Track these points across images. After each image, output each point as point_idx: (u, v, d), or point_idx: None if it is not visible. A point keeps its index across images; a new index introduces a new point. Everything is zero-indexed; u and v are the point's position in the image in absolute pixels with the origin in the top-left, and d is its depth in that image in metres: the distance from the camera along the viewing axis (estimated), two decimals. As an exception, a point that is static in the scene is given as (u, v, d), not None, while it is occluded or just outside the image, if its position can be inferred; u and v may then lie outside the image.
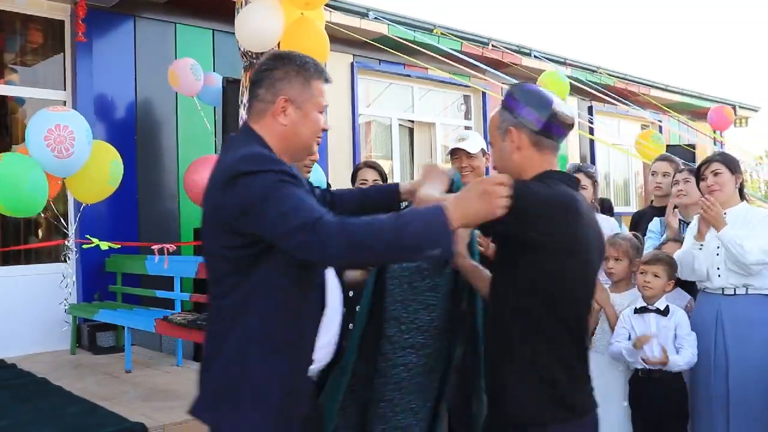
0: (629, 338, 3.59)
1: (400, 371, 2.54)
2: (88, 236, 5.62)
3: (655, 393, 3.54)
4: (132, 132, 6.84)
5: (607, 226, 4.31)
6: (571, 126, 2.15)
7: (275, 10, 4.67)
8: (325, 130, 2.16)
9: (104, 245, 5.55)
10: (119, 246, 5.95)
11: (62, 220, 5.69)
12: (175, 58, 7.06)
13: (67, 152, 4.76)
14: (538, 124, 2.09)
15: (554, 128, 2.11)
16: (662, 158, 4.91)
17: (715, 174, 3.67)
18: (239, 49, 5.02)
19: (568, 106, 2.17)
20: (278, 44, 4.85)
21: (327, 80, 2.14)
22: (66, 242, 5.76)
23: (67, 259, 5.80)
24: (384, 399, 2.54)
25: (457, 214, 1.81)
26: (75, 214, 6.08)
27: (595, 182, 4.33)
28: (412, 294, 2.56)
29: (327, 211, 1.83)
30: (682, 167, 4.58)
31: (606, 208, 9.13)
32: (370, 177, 3.68)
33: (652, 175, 4.75)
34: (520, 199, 1.92)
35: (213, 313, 2.05)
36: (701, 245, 3.59)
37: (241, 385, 1.95)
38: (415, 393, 2.53)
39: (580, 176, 4.26)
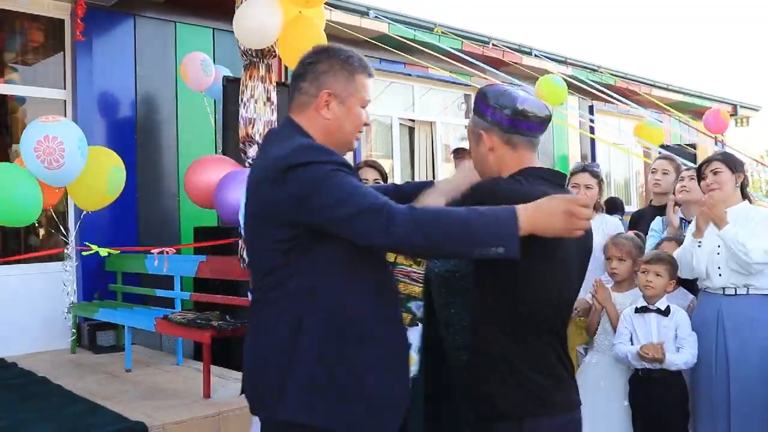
0: (631, 338, 3.58)
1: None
2: (87, 243, 5.61)
3: (656, 392, 3.53)
4: (132, 131, 6.83)
5: (612, 226, 4.31)
6: (543, 119, 2.11)
7: (274, 7, 4.67)
8: (366, 125, 2.16)
9: (103, 251, 5.55)
10: (118, 252, 5.94)
11: (62, 228, 5.67)
12: (175, 57, 7.07)
13: (57, 163, 4.74)
14: (504, 122, 2.09)
15: (522, 125, 2.09)
16: (663, 157, 4.92)
17: (715, 173, 3.67)
18: (239, 47, 5.01)
19: (537, 101, 2.14)
20: (276, 42, 4.85)
21: (370, 75, 2.13)
22: (65, 250, 5.76)
23: (68, 258, 5.80)
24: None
25: (531, 219, 1.82)
26: (75, 220, 6.07)
27: (600, 181, 4.31)
28: (451, 296, 2.57)
29: (388, 200, 1.85)
30: (690, 166, 4.58)
31: (617, 206, 9.15)
32: (370, 176, 3.64)
33: (652, 172, 4.75)
34: (487, 196, 1.94)
35: (264, 307, 2.01)
36: (699, 242, 3.59)
37: (336, 380, 1.91)
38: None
39: (585, 176, 4.26)
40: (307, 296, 1.93)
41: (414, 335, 2.80)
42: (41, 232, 6.66)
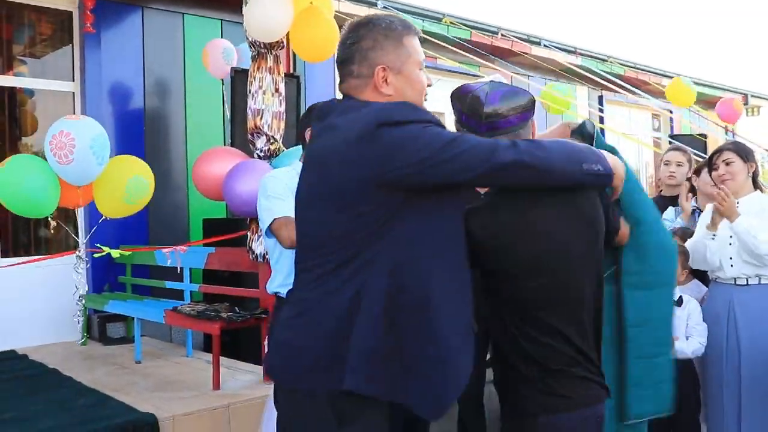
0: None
1: None
2: (98, 245, 5.63)
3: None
4: (140, 123, 6.84)
5: None
6: (524, 107, 2.06)
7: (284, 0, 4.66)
8: (429, 86, 2.07)
9: (115, 253, 5.55)
10: (129, 253, 5.94)
11: (73, 228, 5.68)
12: (184, 49, 7.07)
13: (67, 159, 4.80)
14: (482, 129, 2.05)
15: (501, 124, 2.05)
16: (675, 148, 4.88)
17: (727, 163, 3.64)
18: (247, 38, 5.00)
19: (510, 90, 2.09)
20: (287, 34, 4.83)
21: (417, 33, 2.03)
22: (77, 252, 5.77)
23: (78, 270, 5.81)
24: None
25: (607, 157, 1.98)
26: (85, 216, 6.09)
27: None
28: None
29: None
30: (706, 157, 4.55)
31: None
32: None
33: (665, 164, 4.71)
34: None
35: (321, 281, 1.88)
36: (714, 235, 3.56)
37: (399, 350, 1.82)
38: None
39: None
40: (373, 263, 1.81)
41: None
42: (52, 226, 6.67)
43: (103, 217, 5.50)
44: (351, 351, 1.81)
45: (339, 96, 2.10)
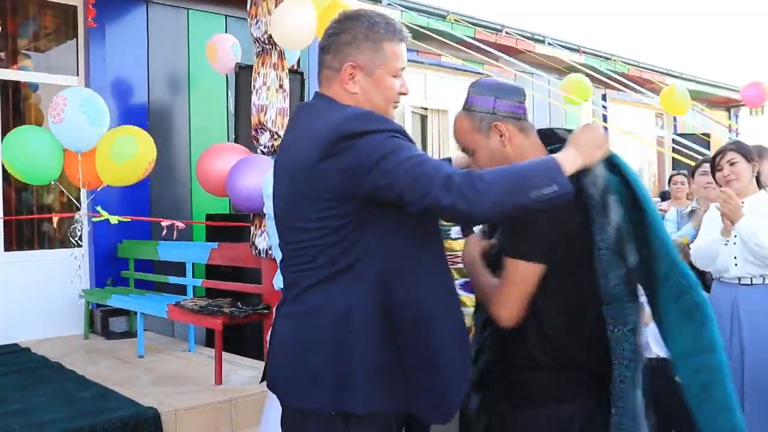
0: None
1: None
2: (98, 208, 5.62)
3: (669, 381, 3.51)
4: (144, 118, 6.85)
5: None
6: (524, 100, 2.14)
7: (305, 4, 4.66)
8: (403, 94, 2.01)
9: (114, 219, 5.53)
10: (129, 220, 5.91)
11: (75, 201, 5.69)
12: (188, 44, 7.07)
13: (59, 117, 4.88)
14: (520, 111, 2.07)
15: (523, 110, 2.09)
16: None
17: (732, 164, 3.63)
18: (251, 34, 5.01)
19: (515, 84, 2.15)
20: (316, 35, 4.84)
21: (402, 39, 1.97)
22: (76, 215, 5.75)
23: (77, 229, 5.78)
24: None
25: (573, 153, 1.84)
26: (88, 194, 6.08)
27: None
28: None
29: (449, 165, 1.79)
30: (708, 157, 4.53)
31: None
32: None
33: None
34: None
35: (307, 290, 1.87)
36: (727, 241, 3.55)
37: (400, 364, 1.83)
38: None
39: None
40: (357, 277, 1.81)
41: None
42: (55, 197, 6.68)
43: (102, 185, 5.50)
44: (356, 372, 1.80)
45: None
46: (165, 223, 5.46)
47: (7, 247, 6.27)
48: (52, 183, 5.23)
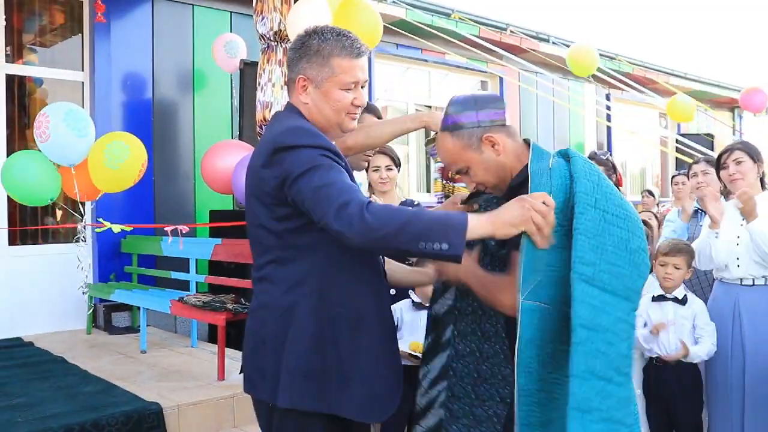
0: (645, 326, 3.58)
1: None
2: (100, 219, 5.65)
3: (670, 381, 3.53)
4: (149, 114, 6.85)
5: None
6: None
7: (320, 2, 4.68)
8: (357, 106, 2.09)
9: (116, 228, 5.56)
10: (131, 228, 5.95)
11: (79, 207, 5.70)
12: (193, 40, 7.08)
13: (45, 135, 4.93)
14: (503, 116, 2.06)
15: (505, 115, 2.09)
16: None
17: (738, 163, 3.62)
18: (257, 31, 5.01)
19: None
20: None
21: (352, 55, 2.05)
22: (79, 225, 5.79)
23: (81, 239, 5.82)
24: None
25: (487, 221, 1.81)
26: (91, 201, 6.10)
27: (609, 169, 4.27)
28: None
29: (357, 191, 1.84)
30: (699, 158, 4.52)
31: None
32: (382, 163, 3.54)
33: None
34: None
35: (261, 287, 2.06)
36: (717, 233, 3.55)
37: (333, 365, 1.95)
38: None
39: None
40: (299, 280, 1.96)
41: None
42: (59, 213, 6.70)
43: (101, 193, 5.52)
44: (282, 366, 1.96)
45: None
46: (169, 228, 5.46)
47: (11, 242, 6.28)
48: (50, 201, 5.27)
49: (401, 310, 3.23)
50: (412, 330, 3.18)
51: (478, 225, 1.80)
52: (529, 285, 1.88)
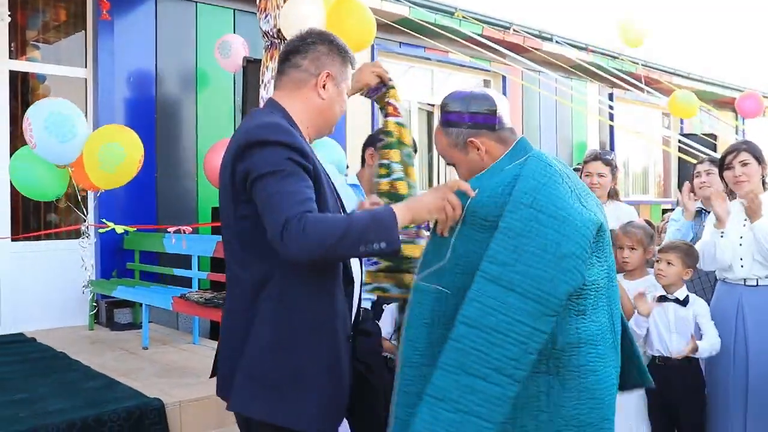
0: (648, 329, 3.56)
1: None
2: (103, 220, 5.66)
3: (672, 380, 3.52)
4: (152, 111, 6.86)
5: (625, 213, 4.28)
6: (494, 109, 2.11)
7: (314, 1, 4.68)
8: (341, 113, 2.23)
9: (120, 229, 5.58)
10: (135, 229, 5.97)
11: (82, 206, 5.71)
12: (196, 38, 7.08)
13: (32, 141, 4.98)
14: (494, 120, 2.06)
15: (498, 120, 2.08)
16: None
17: (744, 164, 3.62)
18: (260, 28, 5.01)
19: (487, 92, 2.14)
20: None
21: (354, 67, 2.23)
22: (82, 226, 5.80)
23: (86, 236, 5.83)
24: None
25: (406, 209, 1.93)
26: (94, 197, 6.11)
27: (613, 169, 4.27)
28: None
29: (305, 203, 1.84)
30: (703, 158, 4.52)
31: None
32: None
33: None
34: None
35: (231, 289, 2.06)
36: (722, 232, 3.55)
37: (287, 371, 1.94)
38: None
39: (598, 164, 4.22)
40: (260, 282, 1.96)
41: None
42: (61, 209, 6.71)
43: (100, 190, 5.53)
44: (236, 370, 1.96)
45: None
46: (172, 229, 5.47)
47: (14, 237, 6.29)
48: (56, 200, 5.30)
49: (392, 311, 3.22)
50: None
51: (402, 215, 1.91)
52: (427, 268, 2.01)
